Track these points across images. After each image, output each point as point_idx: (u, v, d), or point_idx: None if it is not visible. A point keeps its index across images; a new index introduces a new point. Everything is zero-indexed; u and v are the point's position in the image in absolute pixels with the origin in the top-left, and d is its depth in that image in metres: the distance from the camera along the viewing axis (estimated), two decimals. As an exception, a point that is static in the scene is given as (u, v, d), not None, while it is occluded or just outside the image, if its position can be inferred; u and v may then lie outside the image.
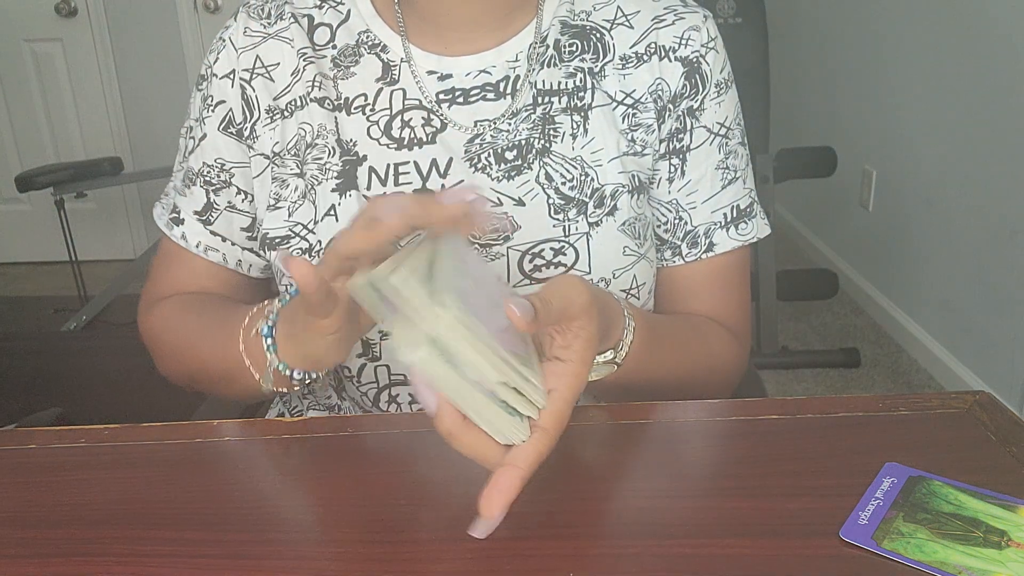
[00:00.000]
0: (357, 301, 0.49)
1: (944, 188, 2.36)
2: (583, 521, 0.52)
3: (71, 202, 2.92)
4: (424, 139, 0.72)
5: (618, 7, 0.75)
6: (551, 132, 0.72)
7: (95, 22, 3.37)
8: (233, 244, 0.79)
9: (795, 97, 3.42)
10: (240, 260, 0.79)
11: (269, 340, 0.61)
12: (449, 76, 0.73)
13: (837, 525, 0.50)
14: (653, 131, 0.74)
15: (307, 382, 0.63)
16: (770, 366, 2.47)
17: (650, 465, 0.58)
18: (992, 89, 2.12)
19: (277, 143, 0.74)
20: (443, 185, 0.72)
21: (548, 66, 0.74)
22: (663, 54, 0.74)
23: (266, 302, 0.65)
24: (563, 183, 0.71)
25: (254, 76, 0.75)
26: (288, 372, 0.62)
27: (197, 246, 0.78)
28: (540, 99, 0.73)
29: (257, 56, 0.75)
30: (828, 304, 2.85)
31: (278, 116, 0.74)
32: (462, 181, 0.71)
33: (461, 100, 0.73)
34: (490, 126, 0.72)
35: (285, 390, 0.64)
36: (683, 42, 0.74)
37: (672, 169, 0.75)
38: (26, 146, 3.50)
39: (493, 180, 0.71)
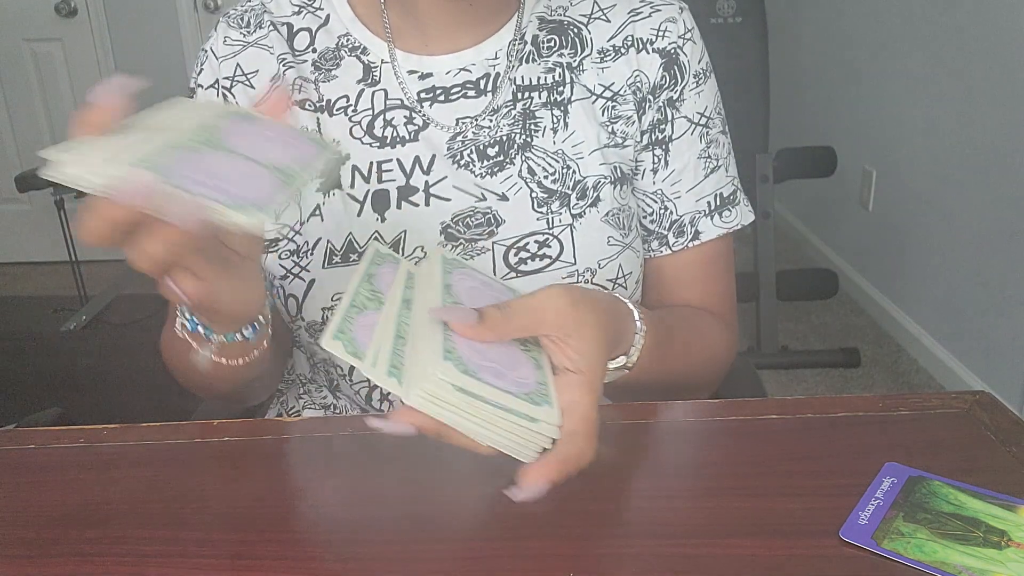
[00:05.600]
0: (336, 356, 0.48)
1: (944, 188, 2.36)
2: (583, 521, 0.52)
3: (71, 202, 2.91)
4: (407, 137, 0.73)
5: (594, 2, 0.76)
6: (532, 127, 0.73)
7: (95, 22, 3.37)
8: None
9: (795, 97, 3.42)
10: None
11: (201, 328, 0.59)
12: (429, 75, 0.74)
13: (837, 525, 0.50)
14: (633, 123, 0.75)
15: (257, 331, 0.61)
16: (770, 366, 2.46)
17: (650, 465, 0.58)
18: (992, 89, 2.12)
19: None
20: (427, 182, 0.72)
21: (527, 62, 0.75)
22: (640, 46, 0.75)
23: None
24: (545, 177, 0.72)
25: (234, 84, 0.76)
26: (234, 337, 0.60)
27: None
28: (520, 95, 0.74)
29: (237, 64, 0.76)
30: (828, 304, 2.85)
31: None
32: (445, 178, 0.72)
33: (442, 98, 0.74)
34: (472, 123, 0.73)
35: (241, 360, 0.62)
36: (660, 34, 0.75)
37: (656, 160, 0.76)
38: (26, 146, 3.50)
39: (476, 176, 0.72)
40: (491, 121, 0.73)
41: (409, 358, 0.48)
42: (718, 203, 0.77)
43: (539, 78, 0.74)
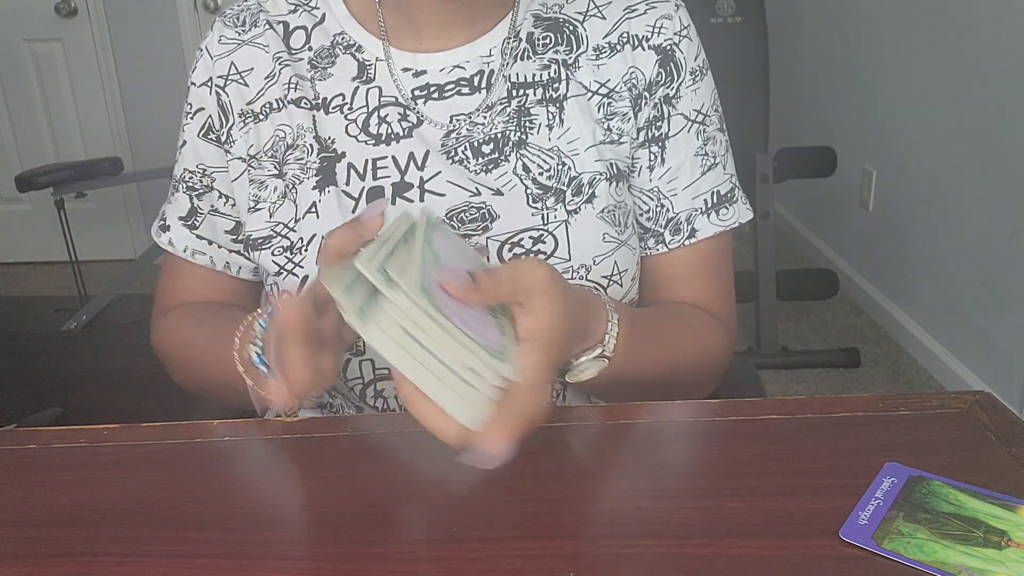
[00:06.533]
0: (328, 290, 0.50)
1: (944, 188, 2.36)
2: (583, 521, 0.52)
3: (71, 202, 2.92)
4: (401, 134, 0.73)
5: None
6: (527, 124, 0.73)
7: (95, 22, 3.37)
8: (219, 247, 0.80)
9: (795, 97, 3.42)
10: (228, 263, 0.81)
11: (264, 368, 0.61)
12: (423, 72, 0.75)
13: (837, 525, 0.50)
14: (629, 119, 0.75)
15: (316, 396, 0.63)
16: (770, 366, 2.46)
17: (650, 465, 0.58)
18: (992, 89, 2.12)
19: (252, 146, 0.76)
20: (421, 178, 0.73)
21: (522, 59, 0.75)
22: (636, 43, 0.75)
23: (248, 320, 0.65)
24: (540, 173, 0.72)
25: (228, 82, 0.76)
26: None
27: (184, 250, 0.80)
28: (515, 92, 0.74)
29: (232, 63, 0.77)
30: (828, 304, 2.85)
31: (251, 120, 0.76)
32: (440, 173, 0.72)
33: (436, 95, 0.74)
34: (466, 120, 0.73)
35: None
36: (656, 31, 0.75)
37: (652, 157, 0.76)
38: (26, 146, 3.50)
39: (471, 172, 0.72)
40: (485, 118, 0.73)
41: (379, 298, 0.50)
42: (715, 201, 0.77)
43: (534, 75, 0.74)
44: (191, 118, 0.78)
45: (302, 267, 0.72)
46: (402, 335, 0.48)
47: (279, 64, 0.76)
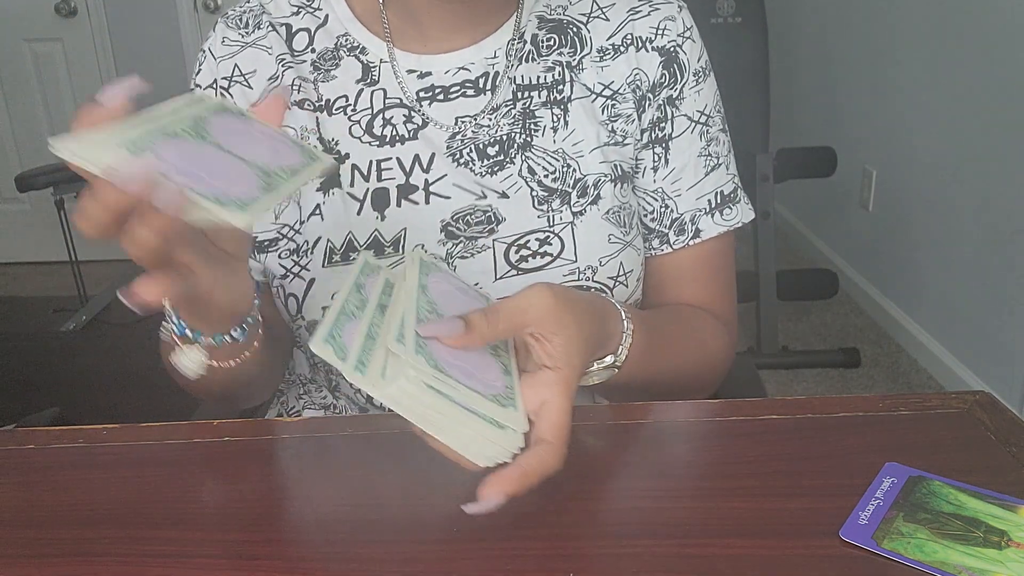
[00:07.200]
0: (321, 356, 0.48)
1: (944, 188, 2.36)
2: (583, 521, 0.52)
3: (71, 202, 2.92)
4: (406, 135, 0.73)
5: (593, 1, 0.76)
6: (532, 126, 0.73)
7: (95, 22, 3.37)
8: None
9: (795, 97, 3.42)
10: None
11: (188, 331, 0.60)
12: (428, 74, 0.74)
13: (837, 525, 0.50)
14: (633, 121, 0.75)
15: (239, 335, 0.62)
16: (770, 366, 2.46)
17: (650, 465, 0.58)
18: (992, 89, 2.12)
19: None
20: (426, 180, 0.72)
21: (526, 61, 0.75)
22: (640, 45, 0.75)
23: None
24: (545, 175, 0.73)
25: (232, 84, 0.76)
26: (223, 339, 0.60)
27: None
28: (520, 94, 0.74)
29: (235, 64, 0.76)
30: (828, 304, 2.85)
31: None
32: (445, 176, 0.72)
33: (441, 97, 0.74)
34: (471, 122, 0.73)
35: (232, 361, 0.63)
36: (659, 32, 0.75)
37: (656, 158, 0.76)
38: (26, 146, 3.50)
39: (476, 174, 0.72)
40: (491, 120, 0.73)
41: (378, 356, 0.49)
42: (718, 201, 0.77)
43: (538, 77, 0.74)
44: None
45: (308, 270, 0.72)
46: (407, 403, 0.47)
47: (282, 66, 0.76)
